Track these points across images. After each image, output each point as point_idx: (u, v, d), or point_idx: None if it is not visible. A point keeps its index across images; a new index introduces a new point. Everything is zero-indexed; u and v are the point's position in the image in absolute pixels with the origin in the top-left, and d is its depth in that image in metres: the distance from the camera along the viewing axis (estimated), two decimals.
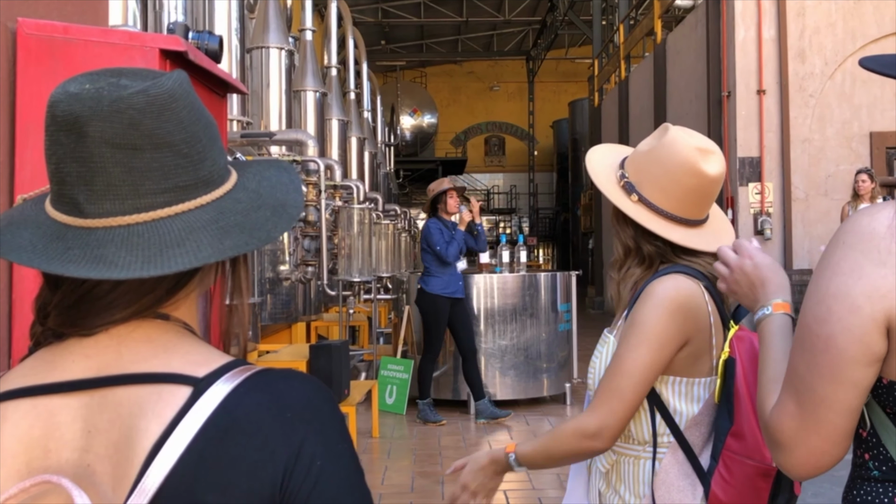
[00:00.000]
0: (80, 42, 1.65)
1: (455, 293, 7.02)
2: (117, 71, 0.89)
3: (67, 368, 0.86)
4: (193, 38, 1.89)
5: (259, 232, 0.88)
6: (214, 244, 0.85)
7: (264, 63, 8.32)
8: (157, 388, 0.83)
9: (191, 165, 0.86)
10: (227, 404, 0.82)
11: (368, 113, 15.65)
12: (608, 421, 1.68)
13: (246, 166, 0.98)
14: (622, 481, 1.79)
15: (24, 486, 0.80)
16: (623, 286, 1.85)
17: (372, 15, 24.65)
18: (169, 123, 0.84)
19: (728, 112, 10.57)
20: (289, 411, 0.84)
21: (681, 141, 1.76)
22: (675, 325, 1.70)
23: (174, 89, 0.85)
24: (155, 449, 0.80)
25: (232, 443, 0.81)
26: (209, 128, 0.89)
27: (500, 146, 33.25)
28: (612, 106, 17.48)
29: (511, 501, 4.95)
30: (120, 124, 0.82)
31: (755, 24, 10.33)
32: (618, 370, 1.70)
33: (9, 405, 0.86)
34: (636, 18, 16.59)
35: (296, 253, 7.46)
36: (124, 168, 0.83)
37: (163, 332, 0.88)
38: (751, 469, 1.65)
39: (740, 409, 1.65)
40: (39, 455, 0.83)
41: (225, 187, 0.90)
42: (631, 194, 1.78)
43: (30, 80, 1.66)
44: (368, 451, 6.11)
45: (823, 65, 10.35)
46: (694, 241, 1.77)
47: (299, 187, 0.96)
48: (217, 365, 0.86)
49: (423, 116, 28.27)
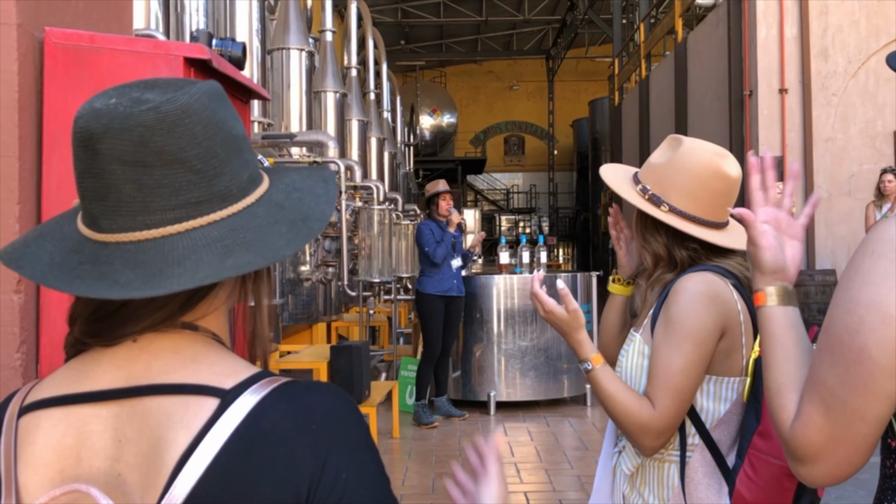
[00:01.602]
0: (106, 51, 1.67)
1: (449, 291, 7.09)
2: (151, 83, 0.89)
3: (98, 378, 0.87)
4: (217, 46, 1.91)
5: (267, 250, 0.86)
6: (214, 264, 0.84)
7: (285, 64, 8.36)
8: (184, 399, 0.84)
9: (204, 181, 0.85)
10: (253, 416, 0.83)
11: (388, 113, 15.68)
12: (672, 424, 1.72)
13: (283, 175, 0.98)
14: (646, 485, 1.81)
15: (53, 495, 0.82)
16: (651, 292, 1.87)
17: (391, 15, 24.69)
18: (181, 140, 0.84)
19: (750, 111, 10.50)
20: (314, 423, 0.85)
21: (699, 148, 1.81)
22: (711, 316, 1.73)
23: (188, 105, 0.85)
24: (182, 459, 0.81)
25: (258, 455, 0.81)
26: (230, 141, 0.88)
27: (519, 146, 33.19)
28: (632, 105, 17.41)
29: (532, 503, 4.95)
30: (129, 142, 0.83)
31: (777, 22, 10.25)
32: (670, 370, 1.72)
33: (41, 414, 0.88)
34: (657, 17, 16.52)
35: (316, 254, 7.49)
36: (135, 185, 0.84)
37: (190, 343, 0.89)
38: (777, 469, 1.65)
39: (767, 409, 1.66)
40: (72, 464, 0.85)
41: (246, 201, 0.89)
42: (660, 205, 1.81)
43: (57, 89, 1.68)
44: (389, 451, 6.13)
45: (846, 63, 10.25)
46: (728, 242, 1.81)
47: (332, 199, 0.95)
48: (244, 376, 0.87)
49: (442, 116, 28.28)
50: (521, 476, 5.52)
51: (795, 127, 10.25)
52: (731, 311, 1.76)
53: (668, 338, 1.74)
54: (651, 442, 1.73)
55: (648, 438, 1.73)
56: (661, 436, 1.72)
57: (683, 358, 1.71)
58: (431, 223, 7.16)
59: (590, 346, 1.82)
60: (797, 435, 1.13)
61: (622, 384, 1.78)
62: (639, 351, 1.84)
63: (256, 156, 0.96)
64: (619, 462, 1.87)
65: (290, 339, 7.51)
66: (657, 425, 1.71)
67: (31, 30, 1.66)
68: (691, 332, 1.71)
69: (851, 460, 1.10)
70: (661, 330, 1.76)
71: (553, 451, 6.14)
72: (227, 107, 0.90)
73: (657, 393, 1.73)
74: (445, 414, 7.20)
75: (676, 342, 1.72)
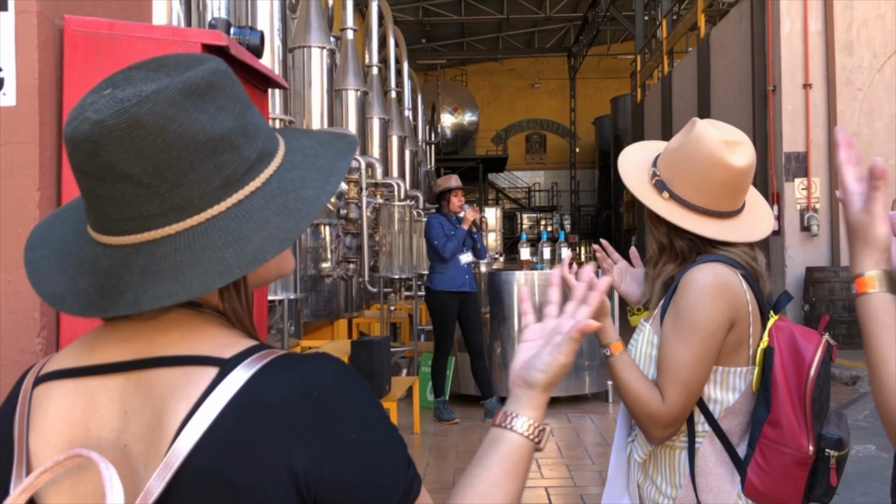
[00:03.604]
0: (124, 38, 1.68)
1: (462, 286, 6.94)
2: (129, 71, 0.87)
3: (106, 351, 0.89)
4: (235, 34, 1.92)
5: (194, 281, 0.83)
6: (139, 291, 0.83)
7: (306, 62, 8.38)
8: (186, 370, 0.85)
9: (155, 196, 0.83)
10: (252, 383, 0.83)
11: (409, 111, 15.69)
12: (680, 416, 1.73)
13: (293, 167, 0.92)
14: (658, 471, 1.81)
15: (58, 460, 0.83)
16: (657, 282, 1.87)
17: (413, 14, 24.71)
18: (126, 154, 0.81)
19: (773, 107, 10.41)
20: (315, 390, 0.84)
21: (707, 135, 1.77)
22: (720, 309, 1.72)
23: (136, 118, 0.81)
24: (182, 427, 0.82)
25: (259, 421, 0.82)
26: (195, 148, 0.83)
27: (541, 143, 33.11)
28: (654, 102, 17.32)
29: (553, 499, 4.93)
30: (83, 153, 0.83)
31: (801, 16, 10.15)
32: (677, 363, 1.72)
33: (54, 385, 0.90)
34: (679, 13, 16.42)
35: (337, 250, 7.52)
36: (94, 195, 0.85)
37: (192, 318, 0.90)
38: (787, 457, 1.65)
39: (777, 398, 1.66)
40: (81, 434, 0.87)
41: (208, 213, 0.85)
42: (662, 192, 1.80)
43: (76, 76, 1.69)
44: (409, 446, 6.05)
45: (872, 57, 10.14)
46: (727, 234, 1.78)
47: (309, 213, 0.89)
48: (243, 348, 0.87)
49: (463, 114, 28.28)
50: (541, 471, 5.50)
51: (820, 122, 10.15)
52: (741, 303, 1.74)
53: (677, 331, 1.73)
54: (658, 432, 1.75)
55: (656, 429, 1.74)
56: (669, 427, 1.74)
57: (691, 352, 1.71)
58: (441, 217, 7.07)
59: (612, 332, 1.81)
60: None
61: (639, 373, 1.78)
62: (648, 341, 1.85)
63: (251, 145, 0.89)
64: (632, 451, 1.88)
65: (311, 336, 7.54)
66: (665, 417, 1.73)
67: (51, 18, 1.68)
68: (700, 325, 1.71)
69: None
70: (669, 322, 1.76)
71: (574, 447, 6.12)
72: (205, 102, 0.84)
73: (666, 386, 1.73)
74: None
75: (685, 336, 1.72)
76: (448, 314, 6.96)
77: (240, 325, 0.93)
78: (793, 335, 1.72)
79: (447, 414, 6.93)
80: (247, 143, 0.87)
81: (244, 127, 0.88)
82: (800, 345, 1.70)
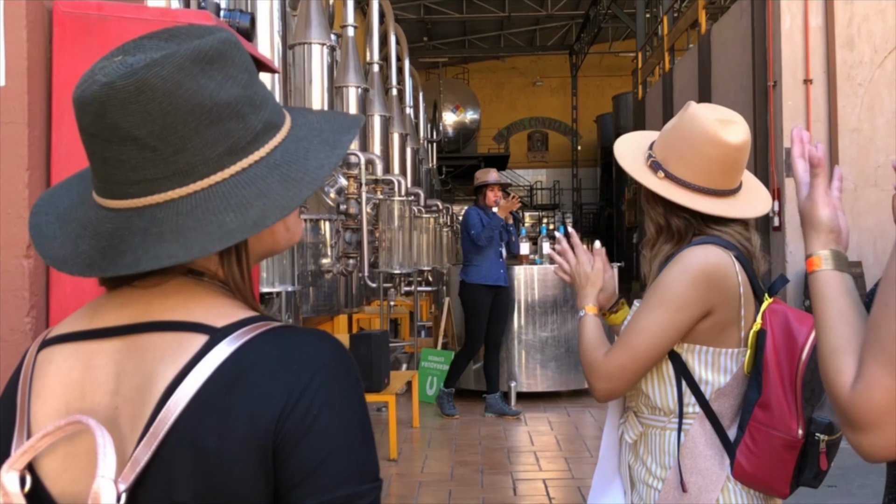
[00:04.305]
0: (113, 19, 1.69)
1: (497, 281, 6.91)
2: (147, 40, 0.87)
3: (106, 316, 0.91)
4: (225, 17, 1.92)
5: (194, 242, 0.84)
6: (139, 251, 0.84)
7: (306, 59, 8.38)
8: (178, 336, 0.86)
9: (160, 159, 0.84)
10: (237, 354, 0.84)
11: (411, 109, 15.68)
12: (617, 373, 1.76)
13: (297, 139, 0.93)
14: (649, 452, 1.81)
15: (59, 424, 0.84)
16: (654, 262, 1.87)
17: (414, 11, 24.70)
18: (133, 116, 0.82)
19: (774, 103, 10.39)
20: (296, 363, 0.85)
21: (700, 114, 1.79)
22: (697, 292, 1.72)
23: (144, 80, 0.82)
24: (167, 393, 0.83)
25: (235, 390, 0.83)
26: (201, 114, 0.84)
27: (543, 141, 33.09)
28: (656, 99, 17.30)
29: (551, 491, 4.94)
30: (90, 115, 0.84)
31: (801, 12, 10.13)
32: (634, 327, 1.75)
33: (56, 349, 0.91)
34: (680, 10, 16.40)
35: (337, 246, 7.52)
36: (99, 157, 0.86)
37: (191, 286, 0.91)
38: (776, 440, 1.64)
39: (768, 381, 1.65)
40: (77, 396, 0.88)
41: (212, 179, 0.86)
42: (657, 172, 1.81)
43: (66, 57, 1.70)
44: (409, 440, 6.14)
45: (873, 52, 10.12)
46: (722, 210, 1.78)
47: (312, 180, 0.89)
48: (237, 318, 0.88)
49: (465, 112, 28.26)
50: (540, 464, 5.51)
51: (820, 118, 10.13)
52: (729, 287, 1.74)
53: (648, 299, 1.77)
54: (596, 383, 1.79)
55: (594, 379, 1.79)
56: (606, 380, 1.77)
57: (651, 319, 1.73)
58: (479, 210, 7.01)
59: (592, 300, 1.91)
60: (860, 399, 1.04)
61: (600, 332, 1.85)
62: None
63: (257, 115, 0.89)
64: (623, 432, 1.88)
65: None
66: (601, 367, 1.77)
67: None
68: (668, 298, 1.73)
69: None
70: (647, 292, 1.79)
71: (573, 441, 6.12)
72: (213, 70, 0.85)
73: (616, 342, 1.79)
74: (499, 412, 6.87)
75: (651, 304, 1.75)
76: (481, 308, 6.89)
77: (239, 295, 0.93)
78: (787, 318, 1.71)
79: (448, 408, 6.90)
80: (253, 113, 0.88)
81: (250, 97, 0.89)
82: (793, 328, 1.70)
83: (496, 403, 6.95)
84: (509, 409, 6.93)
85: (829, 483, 4.48)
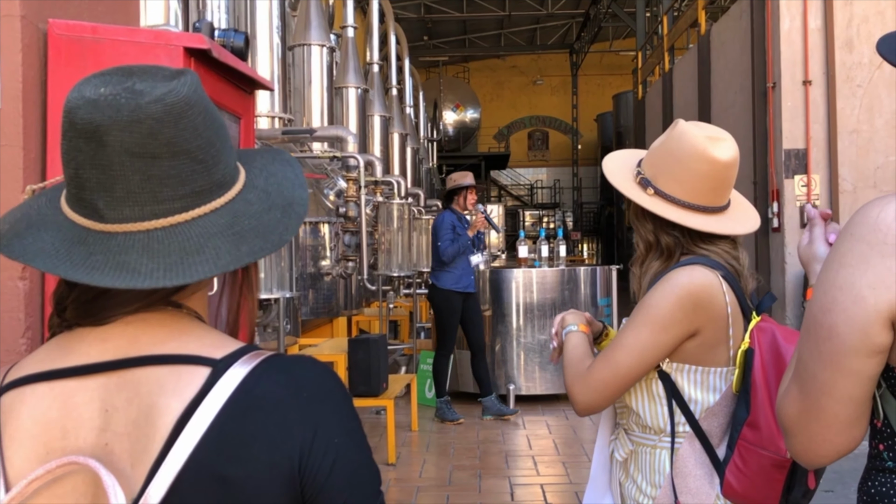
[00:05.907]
0: (107, 41, 1.70)
1: (467, 287, 6.92)
2: (128, 70, 0.90)
3: (84, 352, 0.89)
4: (219, 37, 1.93)
5: (272, 235, 0.91)
6: (232, 251, 0.87)
7: (306, 60, 8.40)
8: (175, 369, 0.87)
9: (205, 170, 0.89)
10: (246, 384, 0.86)
11: (411, 109, 15.69)
12: (596, 387, 1.76)
13: (250, 159, 1.00)
14: (639, 471, 1.82)
15: (49, 468, 0.82)
16: (644, 280, 1.88)
17: (414, 11, 24.68)
18: (186, 131, 0.86)
19: (773, 103, 10.39)
20: (304, 392, 0.88)
21: (689, 131, 1.80)
22: (682, 312, 1.73)
23: (189, 96, 0.87)
24: (178, 426, 0.83)
25: (252, 419, 0.85)
26: (221, 130, 0.92)
27: (543, 140, 33.08)
28: (655, 98, 17.30)
29: (549, 496, 4.95)
30: (139, 134, 0.84)
31: (801, 13, 10.13)
32: (619, 344, 1.76)
33: (26, 389, 0.89)
34: (680, 9, 16.40)
35: (336, 248, 7.53)
36: (143, 176, 0.85)
37: (176, 319, 0.92)
38: (765, 460, 1.65)
39: (756, 400, 1.66)
40: (57, 436, 0.86)
41: (236, 188, 0.93)
42: (647, 188, 1.82)
43: (60, 80, 1.71)
44: (407, 443, 6.15)
45: (872, 54, 10.10)
46: (711, 226, 1.79)
47: (304, 182, 0.99)
48: (233, 348, 0.90)
49: (465, 111, 28.26)
50: (538, 469, 5.52)
51: (820, 119, 10.13)
52: (716, 308, 1.75)
53: (633, 318, 1.78)
54: (576, 396, 1.79)
55: (574, 392, 1.79)
56: (586, 394, 1.77)
57: (635, 337, 1.75)
58: (453, 216, 6.97)
59: (581, 320, 1.95)
60: (780, 407, 1.18)
61: (585, 347, 1.86)
62: None
63: None
64: (614, 449, 1.89)
65: (311, 333, 7.56)
66: (583, 381, 1.77)
67: (35, 21, 1.69)
68: (653, 318, 1.74)
69: (826, 437, 1.11)
70: (634, 310, 1.81)
71: (571, 444, 6.13)
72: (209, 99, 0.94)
73: (599, 356, 1.80)
74: (497, 413, 6.89)
75: (637, 323, 1.76)
76: (453, 313, 6.90)
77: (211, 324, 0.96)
78: (774, 336, 1.72)
79: (451, 414, 6.88)
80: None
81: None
82: (781, 346, 1.71)
83: (493, 405, 6.96)
84: (506, 409, 6.95)
85: (826, 488, 4.49)
